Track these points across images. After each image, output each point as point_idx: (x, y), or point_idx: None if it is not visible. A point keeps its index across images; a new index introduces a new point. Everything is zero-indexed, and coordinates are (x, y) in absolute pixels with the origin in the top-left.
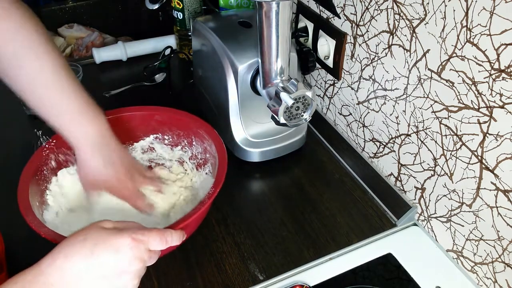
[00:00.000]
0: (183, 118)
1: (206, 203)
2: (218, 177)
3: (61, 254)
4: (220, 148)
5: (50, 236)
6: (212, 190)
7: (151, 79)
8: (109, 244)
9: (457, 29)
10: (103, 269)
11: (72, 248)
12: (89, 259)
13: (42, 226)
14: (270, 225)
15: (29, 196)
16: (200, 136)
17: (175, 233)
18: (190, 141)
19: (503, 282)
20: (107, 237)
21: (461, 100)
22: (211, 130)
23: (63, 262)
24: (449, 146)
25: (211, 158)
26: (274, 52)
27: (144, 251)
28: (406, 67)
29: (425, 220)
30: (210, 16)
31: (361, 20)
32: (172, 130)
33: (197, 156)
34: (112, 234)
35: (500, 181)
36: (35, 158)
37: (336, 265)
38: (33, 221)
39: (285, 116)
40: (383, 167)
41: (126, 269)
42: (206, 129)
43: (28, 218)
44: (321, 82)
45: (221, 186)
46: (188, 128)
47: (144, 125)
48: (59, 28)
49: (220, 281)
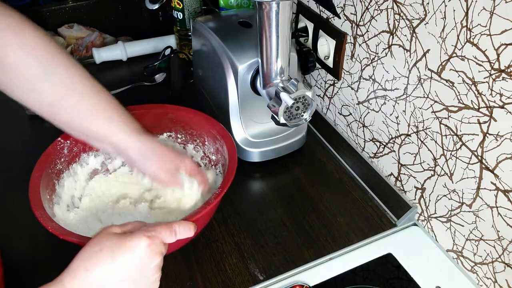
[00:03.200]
0: (196, 117)
1: (212, 202)
2: (227, 177)
3: (81, 268)
4: (231, 149)
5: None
6: (219, 191)
7: (151, 79)
8: (127, 248)
9: (457, 29)
10: (126, 272)
11: (91, 260)
12: (111, 266)
13: (51, 221)
14: (270, 225)
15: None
16: (213, 136)
17: (182, 224)
18: (203, 141)
19: (503, 282)
20: (122, 242)
21: (461, 100)
22: (224, 131)
23: (85, 276)
24: (449, 146)
25: (222, 159)
26: (274, 52)
27: (159, 244)
28: (406, 67)
29: (425, 220)
30: (210, 16)
31: (361, 20)
32: (185, 129)
33: (209, 156)
34: (126, 238)
35: (500, 181)
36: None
37: (336, 265)
38: (42, 216)
39: (285, 116)
40: (383, 167)
41: (148, 266)
42: (219, 129)
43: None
44: (321, 82)
45: (228, 186)
46: (201, 127)
47: (157, 123)
48: (59, 28)
49: (220, 281)
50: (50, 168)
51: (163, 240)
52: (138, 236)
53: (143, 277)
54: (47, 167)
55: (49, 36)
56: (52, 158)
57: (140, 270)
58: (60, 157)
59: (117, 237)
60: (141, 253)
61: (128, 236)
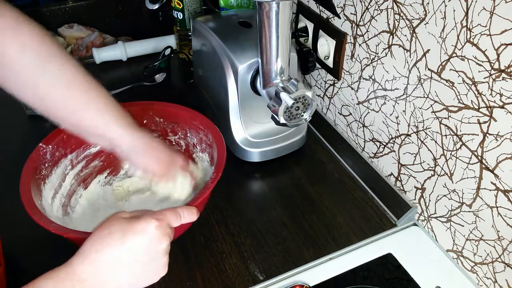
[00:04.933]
0: (176, 111)
1: (210, 186)
2: (219, 162)
3: (92, 250)
4: (217, 136)
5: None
6: (214, 175)
7: (151, 79)
8: (137, 230)
9: (457, 29)
10: (135, 253)
11: (102, 242)
12: (121, 247)
13: (50, 222)
14: (270, 225)
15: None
16: (195, 127)
17: (186, 209)
18: (184, 133)
19: (503, 282)
20: (132, 224)
21: (461, 100)
22: (206, 120)
23: (95, 257)
24: (449, 146)
25: (207, 148)
26: (274, 52)
27: (167, 227)
28: (406, 67)
29: (425, 220)
30: (210, 16)
31: (361, 20)
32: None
33: (196, 146)
34: (136, 220)
35: (500, 181)
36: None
37: (336, 265)
38: (40, 218)
39: (285, 116)
40: (383, 167)
41: (157, 248)
42: (201, 120)
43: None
44: (321, 82)
45: (222, 170)
46: (183, 120)
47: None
48: (59, 28)
49: (220, 281)
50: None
51: (170, 223)
52: (147, 219)
53: (152, 259)
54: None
55: (45, 31)
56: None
57: (149, 252)
58: (44, 162)
59: (127, 221)
60: (150, 235)
61: (137, 219)
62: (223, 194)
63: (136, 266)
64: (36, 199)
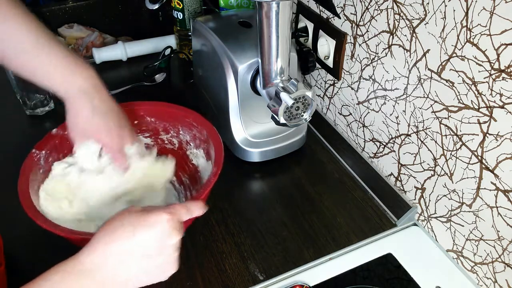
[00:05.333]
0: (167, 109)
1: (213, 180)
2: (217, 155)
3: (101, 243)
4: (211, 132)
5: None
6: (214, 169)
7: (151, 79)
8: (148, 223)
9: (457, 29)
10: (145, 247)
11: (112, 234)
12: (132, 240)
13: (55, 226)
14: (270, 225)
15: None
16: (188, 124)
17: (195, 204)
18: (177, 131)
19: (503, 282)
20: (143, 218)
21: (461, 100)
22: (199, 117)
23: (104, 249)
24: (449, 146)
25: (202, 144)
26: (274, 52)
27: (177, 222)
28: (406, 67)
29: (425, 220)
30: (210, 16)
31: (361, 20)
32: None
33: (190, 143)
34: (147, 214)
35: (500, 181)
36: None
37: (336, 265)
38: (37, 216)
39: (285, 116)
40: (383, 167)
41: (167, 243)
42: (195, 118)
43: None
44: (321, 82)
45: (222, 162)
46: (174, 119)
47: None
48: (59, 28)
49: (220, 281)
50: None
51: (180, 218)
52: (158, 212)
53: (161, 254)
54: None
55: None
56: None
57: (159, 247)
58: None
59: (138, 214)
60: (161, 228)
61: (148, 213)
62: (223, 194)
63: (146, 261)
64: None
